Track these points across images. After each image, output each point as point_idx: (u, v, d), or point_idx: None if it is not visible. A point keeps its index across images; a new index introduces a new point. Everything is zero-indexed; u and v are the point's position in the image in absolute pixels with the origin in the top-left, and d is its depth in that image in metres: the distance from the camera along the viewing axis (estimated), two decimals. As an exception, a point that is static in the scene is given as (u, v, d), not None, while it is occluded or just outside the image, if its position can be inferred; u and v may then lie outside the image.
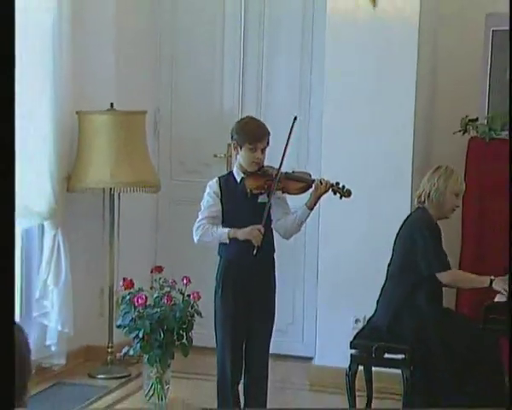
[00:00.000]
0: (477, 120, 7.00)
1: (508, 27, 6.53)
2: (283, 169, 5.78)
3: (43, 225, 7.13)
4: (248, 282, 5.78)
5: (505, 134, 7.00)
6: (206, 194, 5.92)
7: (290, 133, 5.88)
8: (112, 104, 7.20)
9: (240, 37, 7.85)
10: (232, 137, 5.89)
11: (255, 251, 5.68)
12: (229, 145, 7.17)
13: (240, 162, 5.82)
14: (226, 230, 5.79)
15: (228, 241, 5.75)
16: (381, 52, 6.89)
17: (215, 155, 7.61)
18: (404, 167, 6.81)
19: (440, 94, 7.55)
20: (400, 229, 6.24)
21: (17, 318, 4.50)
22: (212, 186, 5.86)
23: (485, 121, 7.00)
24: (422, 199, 6.16)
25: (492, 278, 5.95)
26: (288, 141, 5.86)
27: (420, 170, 6.71)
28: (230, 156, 7.61)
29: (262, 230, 5.71)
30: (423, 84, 7.20)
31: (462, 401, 6.00)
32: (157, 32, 8.04)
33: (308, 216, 5.87)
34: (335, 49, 7.05)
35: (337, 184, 5.76)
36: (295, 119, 5.89)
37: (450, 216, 6.36)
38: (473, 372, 6.02)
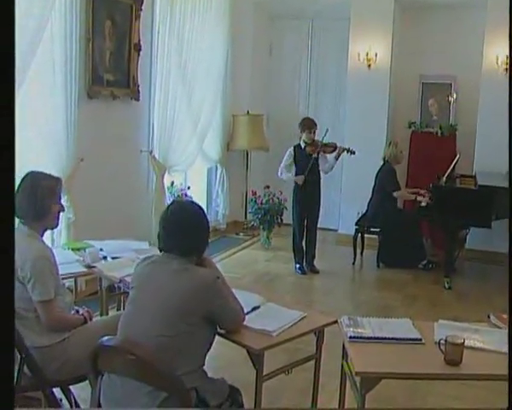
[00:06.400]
0: (415, 122, 7.86)
1: (431, 80, 7.65)
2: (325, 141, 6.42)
3: (216, 166, 7.97)
4: (307, 192, 6.46)
5: (427, 130, 7.74)
6: (286, 155, 6.55)
7: (324, 136, 6.36)
8: (248, 111, 7.97)
9: (307, 81, 8.61)
10: (299, 127, 6.54)
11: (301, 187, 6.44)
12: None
13: (303, 139, 6.48)
14: (292, 176, 6.48)
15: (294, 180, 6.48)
16: (372, 90, 7.60)
17: (294, 135, 7.55)
18: (382, 143, 7.38)
19: (398, 110, 8.07)
20: (378, 171, 7.02)
21: (205, 208, 4.36)
22: (291, 150, 6.53)
23: (418, 123, 7.86)
24: (385, 158, 7.02)
25: (417, 191, 6.88)
26: (323, 138, 6.36)
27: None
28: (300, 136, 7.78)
29: (303, 178, 6.37)
30: (391, 105, 7.84)
31: (403, 249, 6.86)
32: (268, 73, 8.66)
33: (334, 164, 6.51)
34: (352, 87, 7.76)
35: (348, 148, 6.43)
36: (327, 130, 6.35)
37: (401, 162, 7.17)
38: (409, 236, 6.85)
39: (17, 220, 2.90)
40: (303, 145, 6.49)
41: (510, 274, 1.31)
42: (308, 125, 6.46)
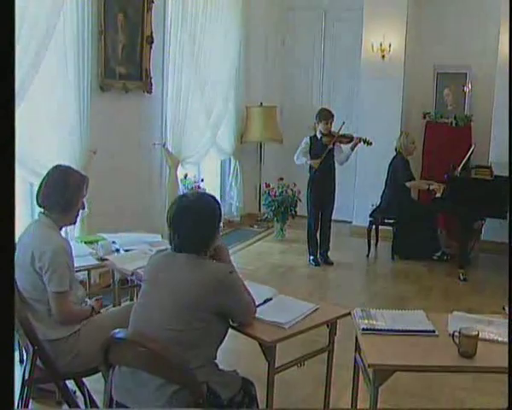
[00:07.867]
0: (429, 113, 7.80)
1: (446, 70, 7.54)
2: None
3: (230, 158, 7.96)
4: (322, 183, 6.41)
5: (442, 120, 7.67)
6: (303, 143, 6.46)
7: (340, 128, 6.26)
8: (261, 103, 7.94)
9: (320, 72, 8.55)
10: (316, 117, 6.50)
11: (315, 170, 6.36)
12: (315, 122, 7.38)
13: (320, 129, 6.41)
14: (307, 159, 6.37)
15: (310, 163, 6.36)
16: (386, 81, 7.50)
17: (308, 127, 7.58)
18: (396, 134, 7.18)
19: (413, 101, 7.95)
20: (391, 162, 6.94)
21: (219, 201, 4.57)
22: (307, 140, 6.47)
23: (433, 114, 7.79)
24: (397, 149, 6.94)
25: (430, 183, 6.76)
26: (339, 130, 6.27)
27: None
28: (314, 127, 7.54)
29: (319, 162, 6.29)
30: (406, 96, 7.71)
31: (418, 240, 6.80)
32: (281, 64, 8.63)
33: (350, 155, 6.47)
34: (366, 78, 7.67)
35: (365, 138, 6.35)
36: (343, 123, 6.26)
37: (413, 154, 7.02)
38: (424, 227, 6.79)
39: (38, 210, 2.94)
40: (319, 136, 6.45)
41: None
42: (325, 115, 6.42)
